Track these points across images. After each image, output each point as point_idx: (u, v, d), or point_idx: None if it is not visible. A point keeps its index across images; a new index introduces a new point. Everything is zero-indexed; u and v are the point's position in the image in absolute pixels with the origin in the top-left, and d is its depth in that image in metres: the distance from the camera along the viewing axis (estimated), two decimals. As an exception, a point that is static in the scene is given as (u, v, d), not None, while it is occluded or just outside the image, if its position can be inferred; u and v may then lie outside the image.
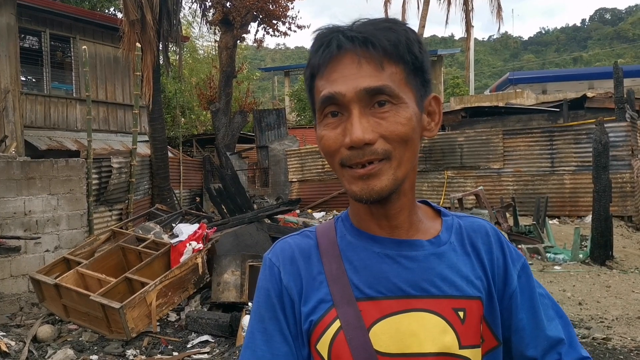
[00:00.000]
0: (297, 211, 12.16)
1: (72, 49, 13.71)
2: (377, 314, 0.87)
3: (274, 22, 17.54)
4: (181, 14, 13.27)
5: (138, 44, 10.74)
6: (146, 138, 13.21)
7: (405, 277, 0.89)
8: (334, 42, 0.86)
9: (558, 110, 15.32)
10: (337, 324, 0.87)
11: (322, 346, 0.88)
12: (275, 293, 0.93)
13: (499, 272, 0.94)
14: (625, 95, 11.16)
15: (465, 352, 0.87)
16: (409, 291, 0.88)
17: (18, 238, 6.69)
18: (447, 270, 0.91)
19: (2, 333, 5.47)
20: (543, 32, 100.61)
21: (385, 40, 0.85)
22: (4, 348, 4.95)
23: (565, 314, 1.00)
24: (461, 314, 0.88)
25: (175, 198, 12.71)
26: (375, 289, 0.89)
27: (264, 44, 18.68)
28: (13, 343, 5.19)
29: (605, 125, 8.10)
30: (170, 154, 13.33)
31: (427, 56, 0.91)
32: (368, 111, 0.84)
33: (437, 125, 0.94)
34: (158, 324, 5.50)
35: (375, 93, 0.84)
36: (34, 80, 13.97)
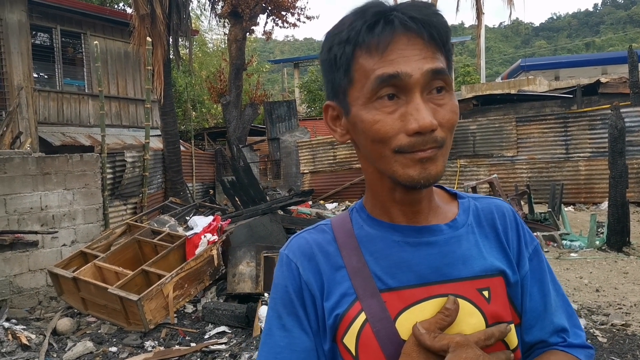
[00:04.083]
0: (310, 202, 12.16)
1: (83, 45, 13.77)
2: (401, 305, 0.87)
3: (283, 13, 17.50)
4: (190, 7, 13.28)
5: (148, 38, 10.77)
6: (158, 132, 13.28)
7: (426, 264, 0.89)
8: (396, 20, 0.81)
9: (571, 96, 15.17)
10: (362, 317, 0.86)
11: (349, 340, 0.87)
12: (294, 289, 0.92)
13: (513, 254, 0.95)
14: (640, 80, 11.02)
15: None
16: (430, 278, 0.88)
17: (35, 233, 6.75)
18: (467, 252, 0.90)
19: (22, 326, 5.54)
20: (555, 17, 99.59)
21: (442, 25, 0.83)
22: (24, 341, 5.02)
23: (570, 300, 1.03)
24: (486, 293, 0.88)
25: (188, 191, 12.80)
26: (397, 278, 0.88)
27: (273, 36, 18.61)
28: (33, 336, 5.27)
29: (621, 110, 7.99)
30: (182, 148, 13.41)
31: None
32: (426, 97, 0.82)
33: None
34: (175, 315, 5.55)
35: (439, 76, 0.82)
36: (46, 76, 14.08)
